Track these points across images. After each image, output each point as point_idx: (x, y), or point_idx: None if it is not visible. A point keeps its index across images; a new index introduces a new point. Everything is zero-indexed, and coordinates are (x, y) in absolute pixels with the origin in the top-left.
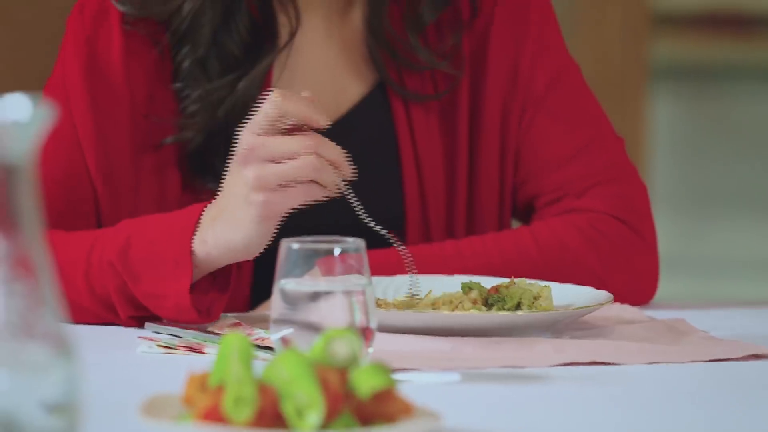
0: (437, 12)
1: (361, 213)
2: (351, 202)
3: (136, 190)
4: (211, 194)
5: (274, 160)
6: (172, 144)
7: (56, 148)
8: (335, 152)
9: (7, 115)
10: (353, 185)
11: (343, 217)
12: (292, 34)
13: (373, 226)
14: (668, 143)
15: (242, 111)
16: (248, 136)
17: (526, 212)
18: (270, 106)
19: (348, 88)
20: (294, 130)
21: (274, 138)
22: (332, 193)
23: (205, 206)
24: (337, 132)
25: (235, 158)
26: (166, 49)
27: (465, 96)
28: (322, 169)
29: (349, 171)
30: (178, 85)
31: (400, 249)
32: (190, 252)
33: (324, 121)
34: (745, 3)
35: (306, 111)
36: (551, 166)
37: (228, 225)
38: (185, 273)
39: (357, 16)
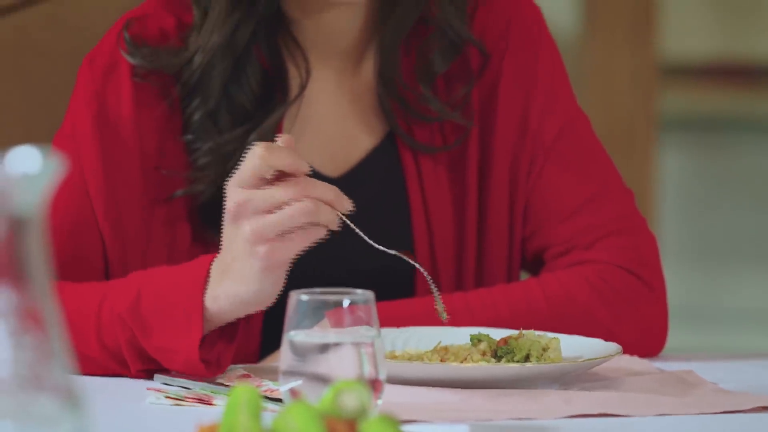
0: (447, 63)
1: (368, 240)
2: (356, 231)
3: (146, 242)
4: (220, 247)
5: (267, 211)
6: (183, 196)
7: (66, 200)
8: (326, 191)
9: (17, 167)
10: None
11: (352, 269)
12: (303, 87)
13: (384, 249)
14: (677, 194)
15: None
16: (235, 191)
17: (535, 263)
18: (253, 159)
19: (358, 139)
20: (281, 177)
21: (262, 189)
22: (334, 228)
23: (213, 259)
24: (346, 183)
25: (227, 216)
26: (176, 102)
27: (474, 147)
28: (317, 210)
29: (345, 204)
30: (188, 137)
31: (417, 266)
32: (202, 307)
33: (307, 168)
34: (754, 54)
35: (289, 160)
36: (560, 218)
37: (236, 280)
38: (196, 328)
39: (368, 68)
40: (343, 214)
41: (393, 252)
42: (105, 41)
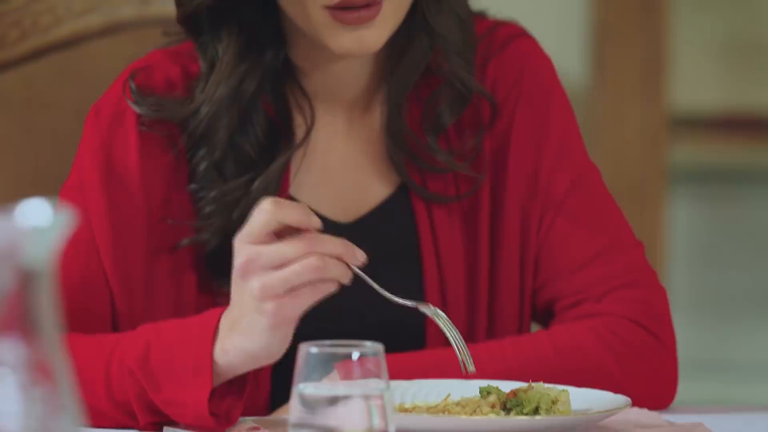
0: (456, 115)
1: (379, 289)
2: (367, 281)
3: (153, 293)
4: (227, 296)
5: (275, 267)
6: (189, 246)
7: (73, 252)
8: (335, 245)
9: (27, 220)
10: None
11: (362, 321)
12: (308, 132)
13: (401, 301)
14: (687, 246)
15: None
16: (244, 246)
17: (545, 315)
18: (262, 215)
19: (370, 188)
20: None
21: (270, 245)
22: (345, 282)
23: (222, 312)
24: (358, 230)
25: (235, 271)
26: (182, 152)
27: (486, 198)
28: (325, 267)
29: (357, 257)
30: (193, 186)
31: (431, 312)
32: (211, 360)
33: (317, 224)
34: (763, 106)
35: (300, 216)
36: (570, 270)
37: (245, 335)
38: (205, 381)
39: (376, 120)
40: (356, 266)
41: (411, 303)
42: (111, 91)
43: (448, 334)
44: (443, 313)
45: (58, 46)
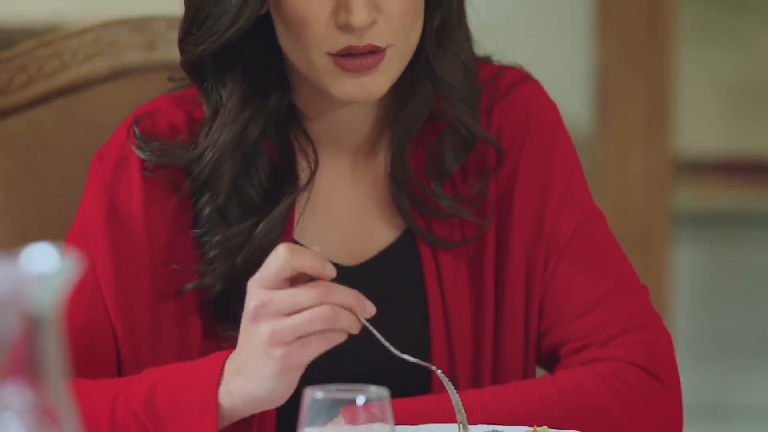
0: (461, 160)
1: (388, 345)
2: (376, 335)
3: (157, 337)
4: (232, 341)
5: (287, 314)
6: (193, 291)
7: (78, 296)
8: (347, 296)
9: (33, 266)
10: (380, 331)
11: (368, 364)
12: (312, 175)
13: (403, 356)
14: (691, 290)
15: (262, 257)
16: (257, 291)
17: (550, 360)
18: (277, 261)
19: (375, 233)
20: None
21: (283, 291)
22: (355, 332)
23: (228, 355)
24: (363, 273)
25: (246, 315)
26: (186, 197)
27: (491, 242)
28: (336, 317)
29: (367, 309)
30: (197, 231)
31: (436, 372)
32: (216, 404)
33: (332, 272)
34: (767, 151)
35: (314, 264)
36: (575, 315)
37: (250, 379)
38: (210, 424)
39: (381, 165)
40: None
41: (414, 360)
42: (115, 137)
43: (452, 398)
44: (447, 379)
45: (64, 90)
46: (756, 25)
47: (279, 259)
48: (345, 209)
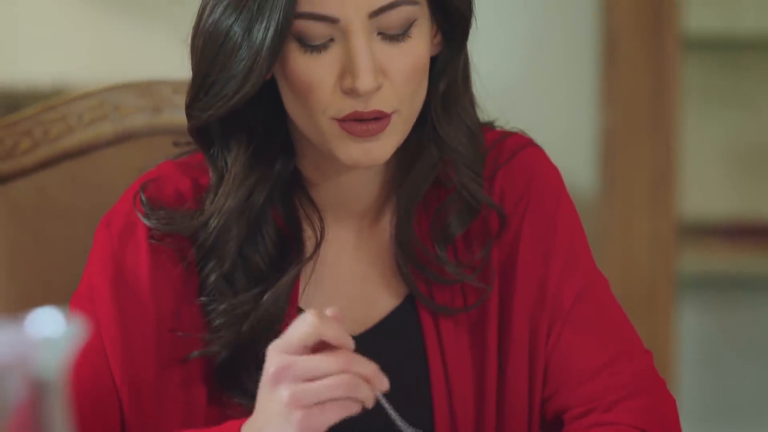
0: (464, 225)
1: (398, 420)
2: (387, 410)
3: (162, 404)
4: (238, 409)
5: (308, 379)
6: (199, 358)
7: (83, 360)
8: (368, 368)
9: (38, 330)
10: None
11: (376, 427)
12: (317, 246)
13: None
14: (697, 355)
15: (268, 325)
16: (279, 355)
17: (555, 425)
18: (306, 327)
19: (378, 300)
20: (322, 345)
21: (305, 357)
22: (370, 406)
23: (243, 423)
24: (365, 342)
25: (266, 378)
26: (192, 264)
27: (494, 308)
28: (356, 386)
29: (383, 384)
30: (203, 299)
31: None
32: None
33: (352, 344)
34: None
35: (340, 335)
36: (579, 380)
37: None
38: None
39: (385, 231)
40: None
41: None
42: (121, 203)
43: None
44: None
45: (69, 154)
46: (760, 88)
47: (308, 325)
48: (349, 277)
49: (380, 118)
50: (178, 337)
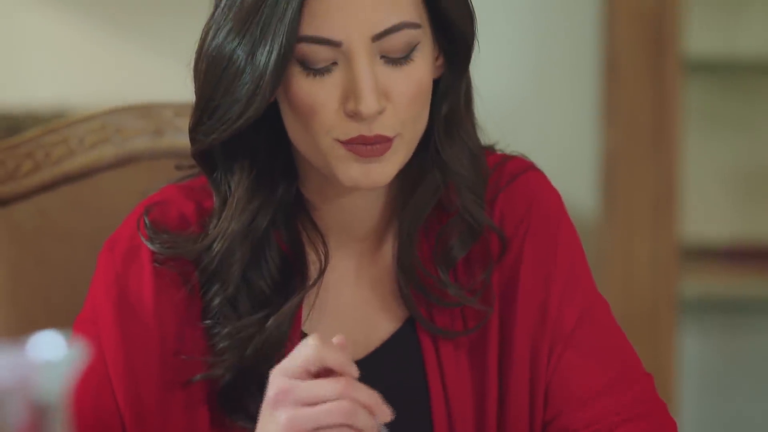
0: (466, 248)
1: None
2: None
3: (165, 427)
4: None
5: (307, 404)
6: (202, 381)
7: (86, 383)
8: (368, 396)
9: (40, 354)
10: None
11: None
12: (322, 272)
13: None
14: (698, 378)
15: (271, 349)
16: (280, 379)
17: None
18: (308, 351)
19: (378, 325)
20: (325, 372)
21: (306, 382)
22: None
23: None
24: (366, 367)
25: (266, 401)
26: (195, 287)
27: (495, 331)
28: (355, 413)
29: (384, 413)
30: (207, 322)
31: None
32: None
33: (355, 371)
34: None
35: (342, 360)
36: (580, 403)
37: None
38: None
39: (387, 253)
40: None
41: None
42: (125, 226)
43: None
44: None
45: (71, 177)
46: (761, 111)
47: (310, 348)
48: (350, 301)
49: (383, 140)
50: (181, 360)
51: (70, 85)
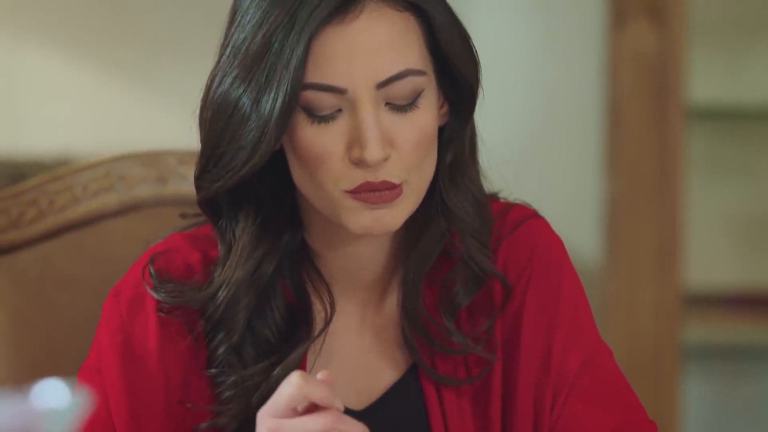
0: (471, 296)
1: None
2: None
3: None
4: None
5: None
6: (207, 430)
7: (90, 431)
8: (356, 428)
9: (45, 401)
10: None
11: None
12: (327, 322)
13: None
14: (702, 425)
15: None
16: (268, 420)
17: None
18: (292, 390)
19: (381, 372)
20: (312, 409)
21: (293, 420)
22: None
23: None
24: (369, 416)
25: None
26: (200, 336)
27: (498, 379)
28: None
29: None
30: (213, 371)
31: None
32: None
33: (340, 405)
34: None
35: (326, 394)
36: None
37: None
38: None
39: (392, 301)
40: None
41: None
42: (130, 275)
43: None
44: None
45: (75, 225)
46: (765, 159)
47: (292, 386)
48: (355, 349)
49: (392, 187)
50: (186, 409)
51: (74, 133)
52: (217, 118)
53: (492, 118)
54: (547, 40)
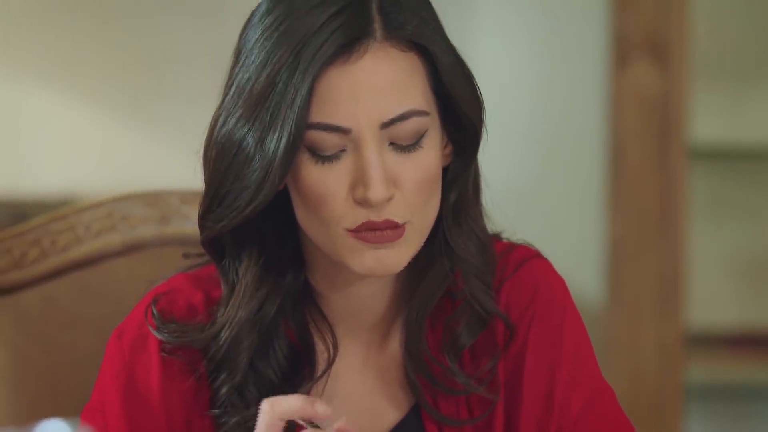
0: (474, 336)
1: None
2: None
3: None
4: None
5: None
6: None
7: None
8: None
9: None
10: None
11: None
12: (330, 363)
13: None
14: None
15: None
16: None
17: None
18: (266, 417)
19: (384, 413)
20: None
21: None
22: None
23: None
24: None
25: None
26: (203, 376)
27: (500, 419)
28: None
29: None
30: (215, 411)
31: None
32: None
33: (326, 411)
34: None
35: (301, 407)
36: None
37: None
38: None
39: (394, 342)
40: None
41: None
42: (133, 315)
43: None
44: None
45: (77, 264)
46: (766, 199)
47: (266, 414)
48: (358, 390)
49: (395, 226)
50: None
51: (77, 173)
52: (222, 157)
53: (494, 158)
54: (549, 80)
